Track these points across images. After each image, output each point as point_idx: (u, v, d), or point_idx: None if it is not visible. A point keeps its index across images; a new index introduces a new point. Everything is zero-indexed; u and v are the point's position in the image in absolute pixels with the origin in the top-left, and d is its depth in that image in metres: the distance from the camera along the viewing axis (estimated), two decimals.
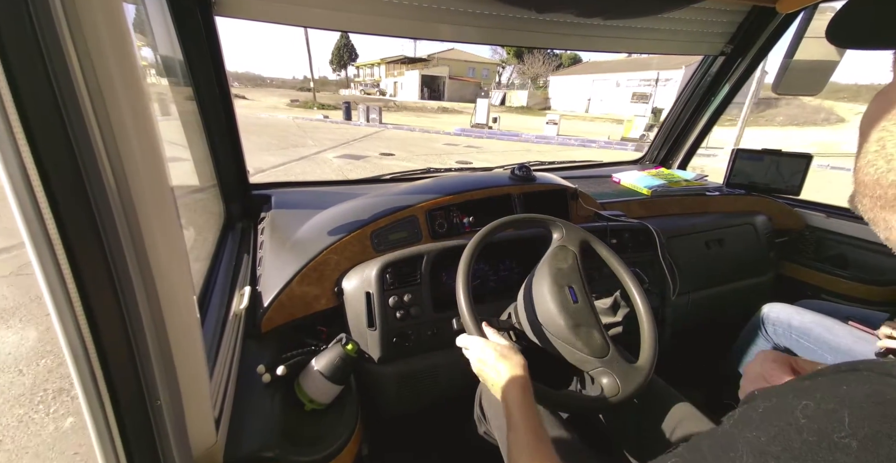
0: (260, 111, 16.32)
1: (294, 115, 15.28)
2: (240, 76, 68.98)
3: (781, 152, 1.43)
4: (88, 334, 0.31)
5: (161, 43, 0.79)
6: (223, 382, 0.60)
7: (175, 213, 0.36)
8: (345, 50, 37.36)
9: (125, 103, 0.30)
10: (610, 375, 0.63)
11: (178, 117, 0.87)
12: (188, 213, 0.85)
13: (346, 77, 52.31)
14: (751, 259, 1.31)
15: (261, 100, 23.84)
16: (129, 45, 0.29)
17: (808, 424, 0.21)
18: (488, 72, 40.05)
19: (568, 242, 0.78)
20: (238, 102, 22.07)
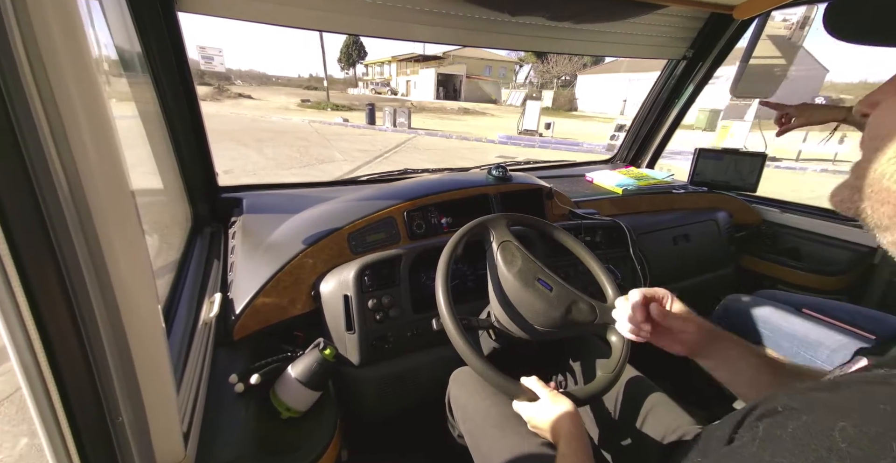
0: (270, 113, 14.95)
1: (309, 118, 13.77)
2: (243, 74, 65.64)
3: (739, 151, 1.51)
4: (41, 349, 0.29)
5: (119, 39, 0.75)
6: (192, 394, 0.57)
7: (136, 217, 0.34)
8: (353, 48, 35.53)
9: (78, 101, 0.28)
10: (612, 330, 0.70)
11: (139, 117, 0.82)
12: (151, 217, 0.80)
13: (354, 76, 50.01)
14: (714, 253, 1.38)
15: (269, 99, 22.15)
16: (81, 40, 0.27)
17: (850, 450, 0.20)
18: (505, 70, 37.53)
19: (502, 236, 0.78)
20: (244, 103, 17.41)
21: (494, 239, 0.78)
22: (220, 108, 15.80)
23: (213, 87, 21.78)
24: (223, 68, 20.05)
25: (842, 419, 0.21)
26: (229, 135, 8.78)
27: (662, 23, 1.34)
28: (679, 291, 1.40)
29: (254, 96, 22.85)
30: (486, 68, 35.82)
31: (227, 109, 15.50)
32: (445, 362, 0.87)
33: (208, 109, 15.51)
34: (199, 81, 31.33)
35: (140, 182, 0.77)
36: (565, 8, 1.11)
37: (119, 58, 0.75)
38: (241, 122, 11.58)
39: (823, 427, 0.22)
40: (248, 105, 18.20)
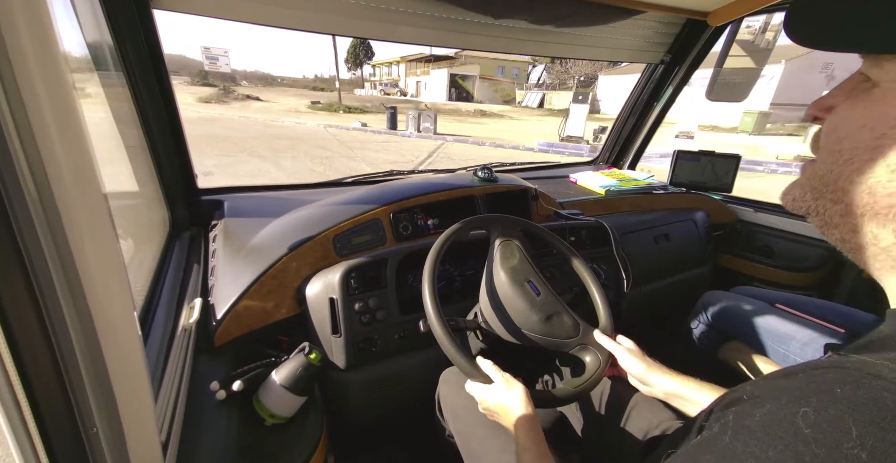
0: (281, 116, 13.96)
1: (325, 123, 12.77)
2: (248, 75, 63.53)
3: (715, 153, 1.56)
4: (9, 359, 0.27)
5: (91, 35, 0.72)
6: (171, 403, 0.55)
7: (109, 221, 0.32)
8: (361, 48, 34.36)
9: (47, 100, 0.27)
10: (590, 351, 0.69)
11: (113, 117, 0.80)
12: (127, 221, 0.78)
13: (361, 76, 48.13)
14: (692, 252, 1.42)
15: (277, 101, 20.87)
16: (50, 36, 0.26)
17: (814, 434, 0.21)
18: (518, 71, 34.91)
19: (508, 236, 0.80)
20: (253, 105, 16.19)
21: (499, 235, 0.80)
22: (226, 111, 14.89)
23: (219, 89, 20.72)
24: (229, 69, 18.98)
25: (803, 405, 0.23)
26: (242, 144, 8.02)
27: (641, 28, 1.38)
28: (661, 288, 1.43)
29: (262, 98, 21.64)
30: (498, 69, 34.15)
31: (235, 112, 14.56)
32: (433, 364, 0.87)
33: (213, 112, 14.37)
34: (204, 82, 29.95)
35: (114, 184, 0.75)
36: (547, 12, 1.13)
37: (91, 56, 0.73)
38: (253, 128, 10.78)
39: (787, 414, 0.23)
40: (257, 107, 17.28)
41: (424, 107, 18.05)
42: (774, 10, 1.23)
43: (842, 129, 0.30)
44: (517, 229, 0.83)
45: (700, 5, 1.25)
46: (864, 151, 0.28)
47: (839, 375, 0.24)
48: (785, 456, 0.22)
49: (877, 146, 0.27)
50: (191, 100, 17.65)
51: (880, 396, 0.21)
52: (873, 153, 0.27)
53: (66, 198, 0.28)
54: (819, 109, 0.33)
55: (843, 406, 0.22)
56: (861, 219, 0.29)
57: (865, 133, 0.28)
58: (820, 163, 0.31)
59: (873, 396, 0.22)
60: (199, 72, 30.09)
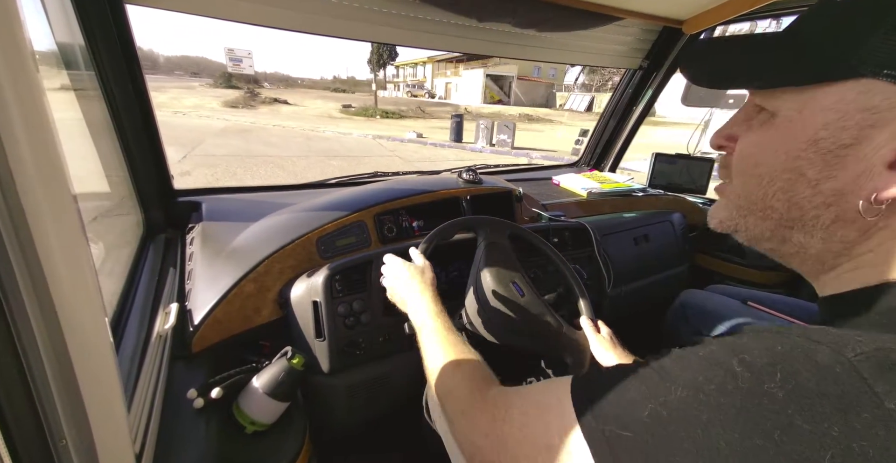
0: (315, 122, 12.37)
1: (371, 133, 10.93)
2: (268, 76, 62.61)
3: (690, 156, 1.62)
4: None
5: (59, 30, 0.69)
6: (145, 412, 0.53)
7: (78, 223, 0.31)
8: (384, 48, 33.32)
9: (12, 98, 0.25)
10: (572, 353, 0.70)
11: (83, 116, 0.76)
12: (97, 223, 0.74)
13: (384, 78, 45.53)
14: (671, 252, 1.47)
15: (305, 104, 19.06)
16: (18, 32, 0.25)
17: (743, 372, 0.24)
18: (556, 71, 32.67)
19: (496, 237, 0.81)
20: (282, 110, 14.80)
21: (487, 236, 0.80)
22: (257, 118, 13.34)
23: (245, 92, 19.22)
24: (252, 71, 17.90)
25: (742, 353, 0.26)
26: (292, 168, 6.27)
27: (621, 34, 1.42)
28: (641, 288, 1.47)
29: (289, 101, 19.72)
30: (534, 69, 31.66)
31: (266, 118, 13.01)
32: (418, 366, 0.86)
33: (243, 119, 13.02)
34: (227, 85, 28.41)
35: (84, 185, 0.72)
36: (530, 16, 1.15)
37: (60, 52, 0.70)
38: (294, 142, 9.01)
39: (725, 356, 0.26)
40: (287, 112, 15.77)
41: (464, 110, 16.81)
42: (745, 19, 1.29)
43: (757, 154, 0.33)
44: (505, 232, 0.84)
45: (675, 14, 1.29)
46: (783, 172, 0.31)
47: (781, 338, 0.26)
48: (712, 382, 0.25)
49: (795, 167, 0.30)
50: (216, 105, 16.05)
51: (813, 355, 0.24)
52: (792, 173, 0.30)
53: (32, 199, 0.27)
54: (723, 139, 0.37)
55: (776, 358, 0.24)
56: (790, 231, 0.32)
57: (780, 156, 0.31)
58: (741, 185, 0.35)
59: (806, 354, 0.24)
60: (222, 74, 29.15)
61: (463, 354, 0.52)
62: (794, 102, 0.30)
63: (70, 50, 0.74)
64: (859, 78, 0.27)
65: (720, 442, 0.23)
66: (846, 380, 0.22)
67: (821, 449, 0.21)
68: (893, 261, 0.29)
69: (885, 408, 0.21)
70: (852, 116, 0.27)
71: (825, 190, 0.29)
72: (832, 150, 0.28)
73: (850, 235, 0.30)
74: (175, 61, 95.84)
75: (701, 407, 0.24)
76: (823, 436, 0.21)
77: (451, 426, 0.45)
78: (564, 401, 0.32)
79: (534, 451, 0.33)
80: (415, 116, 16.98)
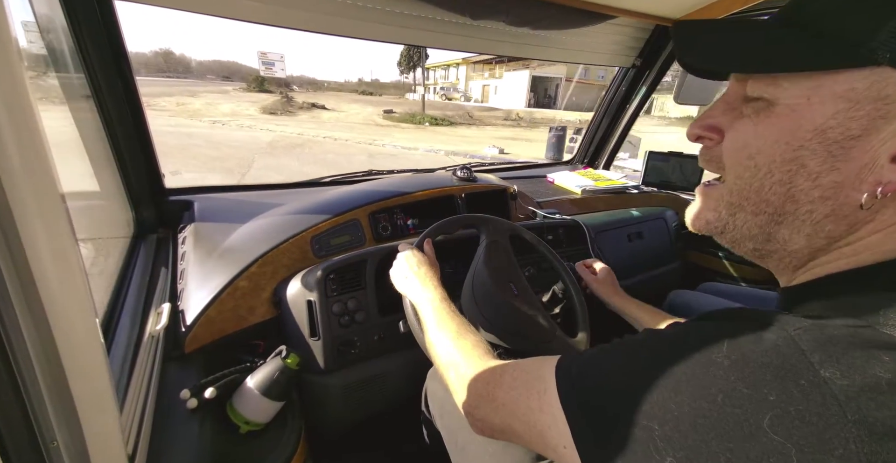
0: (364, 132, 10.71)
1: (443, 148, 9.43)
2: (295, 79, 62.17)
3: (682, 154, 1.64)
4: None
5: (46, 27, 0.68)
6: (138, 413, 0.53)
7: (67, 223, 0.31)
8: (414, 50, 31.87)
9: None
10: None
11: (71, 113, 0.75)
12: (87, 222, 0.73)
13: (413, 80, 43.52)
14: (663, 249, 1.48)
15: (343, 109, 17.80)
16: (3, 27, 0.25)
17: (694, 343, 0.27)
18: (605, 73, 28.34)
19: (497, 237, 0.81)
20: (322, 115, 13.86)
21: (489, 235, 0.80)
22: (301, 127, 11.81)
23: (281, 97, 18.26)
24: (284, 74, 17.09)
25: (699, 331, 0.29)
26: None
27: (613, 33, 1.42)
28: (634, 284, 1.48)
29: (327, 106, 18.43)
30: (581, 70, 29.78)
31: (310, 127, 11.48)
32: (413, 365, 0.87)
33: (288, 129, 11.56)
34: (260, 89, 27.77)
35: (72, 184, 0.71)
36: (523, 14, 1.15)
37: (47, 48, 0.68)
38: (357, 161, 8.02)
39: (684, 333, 0.30)
40: (328, 119, 14.78)
41: (517, 116, 15.15)
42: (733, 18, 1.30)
43: (752, 145, 0.31)
44: (507, 232, 0.84)
45: (667, 12, 1.30)
46: (782, 163, 0.30)
47: (733, 316, 0.29)
48: (671, 349, 0.28)
49: (795, 157, 0.29)
50: (254, 111, 15.03)
51: (757, 330, 0.26)
52: (792, 164, 0.29)
53: (19, 198, 0.27)
54: (703, 129, 0.35)
55: (725, 333, 0.27)
56: (778, 227, 0.32)
57: (781, 147, 0.29)
58: (734, 179, 0.33)
59: (752, 329, 0.26)
60: (256, 78, 28.57)
61: (466, 332, 0.55)
62: (800, 89, 0.28)
63: (57, 46, 0.73)
64: (874, 66, 0.25)
65: (671, 404, 0.25)
66: (785, 351, 0.24)
67: (759, 412, 0.22)
68: (865, 252, 0.29)
69: (820, 376, 0.22)
70: (863, 106, 0.26)
71: (825, 183, 0.28)
72: (839, 141, 0.27)
73: (838, 230, 0.30)
74: (207, 65, 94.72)
75: (660, 376, 0.27)
76: (762, 400, 0.22)
77: (454, 395, 0.48)
78: (549, 371, 0.34)
79: (519, 412, 0.36)
80: (465, 123, 15.48)
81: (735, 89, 0.33)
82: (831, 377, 0.22)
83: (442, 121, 15.58)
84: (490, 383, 0.42)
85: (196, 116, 13.41)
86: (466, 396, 0.45)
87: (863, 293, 0.28)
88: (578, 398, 0.31)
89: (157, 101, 18.12)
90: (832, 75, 0.27)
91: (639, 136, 4.67)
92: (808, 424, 0.21)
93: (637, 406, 0.27)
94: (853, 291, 0.29)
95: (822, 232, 0.30)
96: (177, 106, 16.63)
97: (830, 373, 0.22)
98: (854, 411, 0.21)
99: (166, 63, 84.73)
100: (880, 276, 0.28)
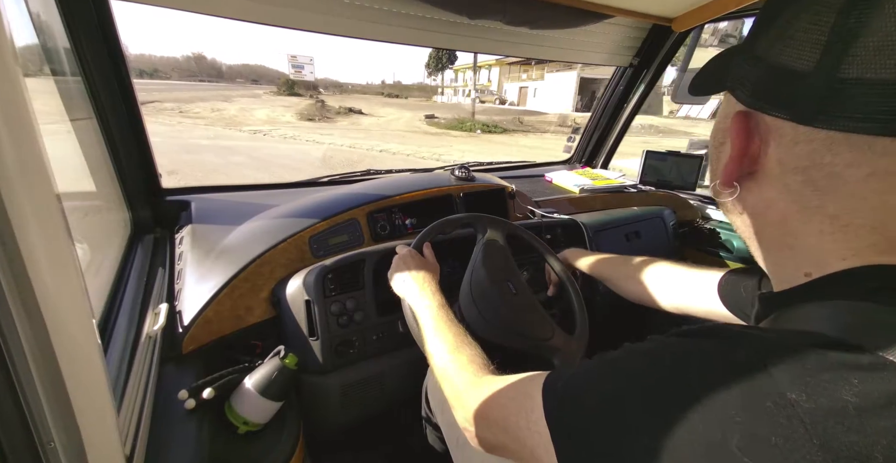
0: (418, 142, 9.57)
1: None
2: (319, 82, 61.44)
3: (680, 153, 1.64)
4: None
5: (41, 26, 0.67)
6: (135, 414, 0.53)
7: (62, 223, 0.31)
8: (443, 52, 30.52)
9: None
10: (560, 355, 0.70)
11: (66, 113, 0.75)
12: (83, 223, 0.73)
13: (441, 82, 43.49)
14: (661, 248, 1.48)
15: (380, 113, 16.56)
16: None
17: (670, 364, 0.28)
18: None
19: (494, 236, 0.82)
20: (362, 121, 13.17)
21: (485, 234, 0.81)
22: (348, 136, 10.56)
23: (315, 101, 17.37)
24: (313, 78, 16.52)
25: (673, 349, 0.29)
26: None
27: (611, 32, 1.43)
28: None
29: (364, 111, 17.22)
30: None
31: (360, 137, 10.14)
32: (411, 364, 0.87)
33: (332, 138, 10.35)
34: (290, 92, 27.43)
35: (68, 184, 0.70)
36: (521, 13, 1.15)
37: (42, 47, 0.68)
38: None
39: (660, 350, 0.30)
40: (369, 124, 13.65)
41: (573, 122, 13.17)
42: (733, 18, 1.30)
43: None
44: (504, 231, 0.84)
45: (665, 12, 1.31)
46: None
47: (709, 336, 0.29)
48: (644, 372, 0.29)
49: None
50: (290, 117, 14.22)
51: (727, 352, 0.26)
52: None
53: (14, 199, 0.27)
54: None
55: (699, 354, 0.27)
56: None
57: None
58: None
59: (728, 354, 0.26)
60: (286, 81, 28.35)
61: (463, 345, 0.56)
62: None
63: (53, 46, 0.72)
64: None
65: (648, 426, 0.26)
66: (755, 373, 0.24)
67: (728, 433, 0.23)
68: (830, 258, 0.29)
69: (786, 398, 0.22)
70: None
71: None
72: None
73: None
74: (236, 70, 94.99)
75: (633, 393, 0.28)
76: (730, 422, 0.23)
77: (452, 409, 0.49)
78: (537, 388, 0.35)
79: (510, 429, 0.37)
80: (519, 130, 14.15)
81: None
82: (797, 400, 0.22)
83: (494, 128, 14.13)
84: (483, 401, 0.43)
85: (233, 125, 12.46)
86: (462, 412, 0.46)
87: (833, 305, 0.28)
88: (561, 418, 0.32)
89: (191, 107, 17.32)
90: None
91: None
92: (773, 447, 0.21)
93: (616, 428, 0.27)
94: (821, 301, 0.29)
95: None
96: (212, 112, 15.92)
97: (797, 395, 0.22)
98: (820, 436, 0.21)
99: (198, 67, 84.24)
100: (842, 284, 0.28)
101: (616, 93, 1.69)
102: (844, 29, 0.24)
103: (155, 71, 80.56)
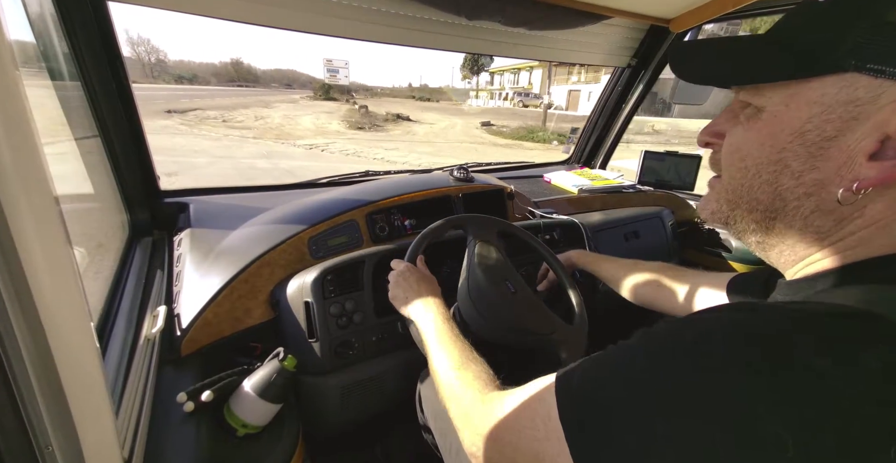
0: (497, 158, 5.89)
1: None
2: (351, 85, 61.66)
3: (678, 154, 1.64)
4: None
5: (39, 28, 0.67)
6: (133, 417, 0.52)
7: (60, 226, 0.30)
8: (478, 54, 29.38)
9: None
10: (565, 347, 0.70)
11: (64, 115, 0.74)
12: (81, 225, 0.73)
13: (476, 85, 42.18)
14: (660, 248, 1.49)
15: (429, 121, 15.36)
16: None
17: (694, 339, 0.27)
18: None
19: (486, 236, 0.82)
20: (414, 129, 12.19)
21: (475, 235, 0.81)
22: (415, 149, 9.71)
23: (358, 108, 16.51)
24: (348, 82, 16.06)
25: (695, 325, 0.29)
26: None
27: (609, 33, 1.43)
28: None
29: (412, 118, 15.98)
30: None
31: (428, 151, 9.34)
32: (410, 366, 0.87)
33: (398, 153, 9.12)
34: (326, 96, 27.35)
35: (66, 186, 0.70)
36: (519, 14, 1.15)
37: (40, 49, 0.68)
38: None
39: (678, 328, 0.29)
40: (423, 133, 12.42)
41: (652, 129, 12.77)
42: (730, 18, 1.31)
43: (743, 148, 0.35)
44: (494, 229, 0.84)
45: (662, 12, 1.31)
46: (768, 164, 0.33)
47: (743, 314, 0.29)
48: (665, 347, 0.28)
49: (779, 159, 0.32)
50: (338, 125, 12.83)
51: (762, 324, 0.26)
52: (777, 165, 0.32)
53: (12, 201, 0.26)
54: (710, 136, 0.39)
55: (724, 325, 0.27)
56: (773, 221, 0.34)
57: (766, 149, 0.33)
58: (728, 179, 0.37)
59: (755, 323, 0.26)
60: (322, 85, 28.11)
61: (468, 361, 0.55)
62: (780, 97, 0.31)
63: (51, 48, 0.72)
64: (843, 72, 0.28)
65: (666, 402, 0.25)
66: (780, 342, 0.24)
67: (755, 403, 0.23)
68: (858, 247, 0.31)
69: (814, 366, 0.23)
70: (835, 109, 0.29)
71: (807, 181, 0.31)
72: (816, 142, 0.30)
73: (826, 225, 0.32)
74: (270, 75, 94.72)
75: (656, 374, 0.27)
76: (757, 391, 0.23)
77: (458, 431, 0.47)
78: (549, 390, 0.34)
79: (522, 446, 0.35)
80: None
81: (736, 98, 0.36)
82: (824, 367, 0.22)
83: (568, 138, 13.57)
84: (492, 419, 0.41)
85: (283, 137, 11.31)
86: (469, 434, 0.44)
87: (857, 288, 0.29)
88: (579, 414, 0.30)
89: (234, 115, 15.98)
90: (805, 83, 0.30)
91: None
92: (802, 416, 0.22)
93: (643, 411, 0.27)
94: (848, 285, 0.30)
95: (811, 227, 0.32)
96: (256, 121, 14.80)
97: (823, 362, 0.23)
98: (847, 402, 0.21)
99: (236, 73, 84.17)
100: (873, 270, 0.30)
101: (614, 93, 1.70)
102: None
103: (195, 76, 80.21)
